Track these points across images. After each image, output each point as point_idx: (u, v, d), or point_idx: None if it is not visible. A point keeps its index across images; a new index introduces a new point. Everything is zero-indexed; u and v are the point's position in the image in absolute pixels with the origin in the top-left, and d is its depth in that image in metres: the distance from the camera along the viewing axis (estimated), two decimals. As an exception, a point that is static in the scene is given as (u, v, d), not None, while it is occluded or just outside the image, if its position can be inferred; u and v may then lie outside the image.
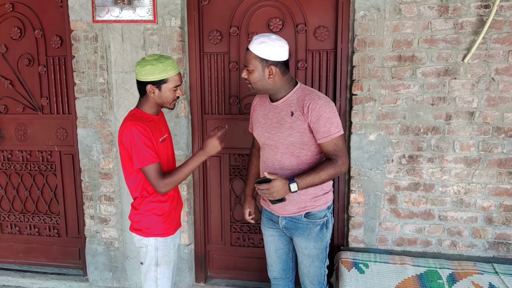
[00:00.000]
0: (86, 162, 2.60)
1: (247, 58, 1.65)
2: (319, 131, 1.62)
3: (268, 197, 1.61)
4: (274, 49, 1.60)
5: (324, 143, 1.64)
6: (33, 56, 2.70)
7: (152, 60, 1.67)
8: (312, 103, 1.62)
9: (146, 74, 1.66)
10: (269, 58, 1.61)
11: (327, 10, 2.35)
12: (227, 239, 2.73)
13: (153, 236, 1.78)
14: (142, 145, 1.63)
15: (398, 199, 2.33)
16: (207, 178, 2.67)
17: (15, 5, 2.66)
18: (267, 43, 1.60)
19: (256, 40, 1.62)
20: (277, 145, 1.72)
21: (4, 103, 2.81)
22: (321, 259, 1.82)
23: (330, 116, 1.62)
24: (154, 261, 1.79)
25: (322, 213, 1.77)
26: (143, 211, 1.77)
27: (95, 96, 2.51)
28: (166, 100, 1.73)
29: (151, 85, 1.68)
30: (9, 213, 2.96)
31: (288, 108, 1.69)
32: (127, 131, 1.64)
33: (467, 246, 2.32)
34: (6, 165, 2.90)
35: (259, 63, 1.62)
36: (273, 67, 1.62)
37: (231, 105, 2.55)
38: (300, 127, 1.65)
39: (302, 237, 1.78)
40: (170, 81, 1.69)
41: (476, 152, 2.22)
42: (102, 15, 2.39)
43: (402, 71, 2.20)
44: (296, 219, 1.78)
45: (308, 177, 1.60)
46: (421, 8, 2.14)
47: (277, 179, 1.57)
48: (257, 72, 1.63)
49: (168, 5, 2.34)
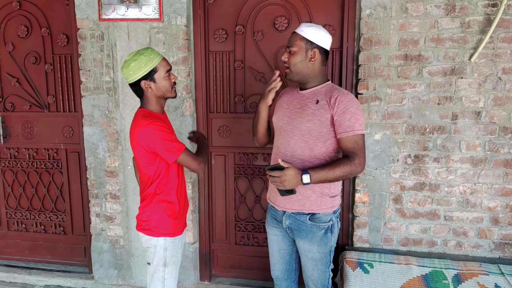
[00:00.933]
0: (92, 160, 2.62)
1: (292, 39, 1.69)
2: (343, 124, 1.61)
3: (278, 185, 1.56)
4: (321, 34, 1.66)
5: (344, 138, 1.62)
6: (39, 54, 2.72)
7: (133, 57, 1.66)
8: (341, 96, 1.63)
9: (134, 72, 1.64)
10: (314, 41, 1.65)
11: (333, 8, 2.34)
12: (231, 238, 2.73)
13: (162, 235, 1.76)
14: (166, 139, 1.63)
15: (404, 199, 2.32)
16: (212, 176, 2.68)
17: (22, 3, 2.67)
18: (315, 27, 1.67)
19: (304, 24, 1.69)
20: (293, 130, 1.71)
21: (11, 101, 2.83)
22: (324, 262, 1.78)
23: (357, 112, 1.62)
24: (163, 261, 1.77)
25: (327, 217, 1.74)
26: (152, 210, 1.75)
27: (101, 94, 2.52)
28: (165, 89, 1.71)
29: (144, 81, 1.66)
30: (16, 211, 2.99)
31: (314, 96, 1.70)
32: (144, 132, 1.62)
33: (473, 246, 2.31)
34: (12, 163, 2.92)
35: (304, 45, 1.66)
36: (317, 50, 1.66)
37: (236, 103, 2.55)
38: (322, 115, 1.65)
39: (305, 240, 1.75)
40: (159, 68, 1.67)
41: (483, 152, 2.21)
42: (108, 13, 2.40)
43: (408, 70, 2.19)
44: (300, 220, 1.75)
45: (322, 171, 1.56)
46: (428, 7, 2.13)
47: (290, 167, 1.53)
48: (300, 53, 1.67)
49: (174, 3, 2.34)
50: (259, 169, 2.61)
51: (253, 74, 2.49)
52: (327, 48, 1.69)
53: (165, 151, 1.64)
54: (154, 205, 1.75)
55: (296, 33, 1.69)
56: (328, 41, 1.69)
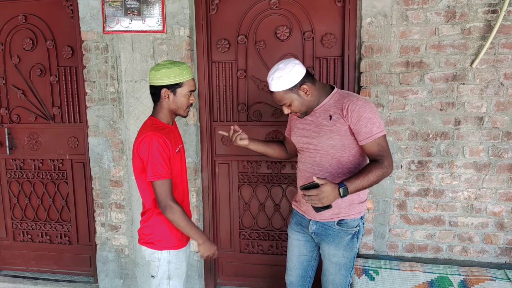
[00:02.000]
0: (97, 170, 2.64)
1: (278, 98, 1.68)
2: (361, 132, 1.60)
3: (316, 203, 1.51)
4: (292, 73, 1.62)
5: (367, 144, 1.61)
6: (45, 66, 2.76)
7: (168, 64, 1.66)
8: (351, 105, 1.61)
9: (161, 77, 1.64)
10: (294, 83, 1.63)
11: (334, 17, 2.37)
12: (236, 246, 2.74)
13: (165, 249, 1.74)
14: (159, 158, 1.59)
15: (408, 205, 2.32)
16: (216, 185, 2.69)
17: (28, 17, 2.72)
18: (283, 75, 1.62)
19: (272, 81, 1.65)
20: (316, 148, 1.71)
21: (16, 112, 2.86)
22: (348, 268, 1.78)
23: (371, 116, 1.59)
24: (167, 274, 1.75)
25: (355, 222, 1.74)
26: (154, 224, 1.73)
27: (106, 105, 2.55)
28: (180, 105, 1.71)
29: (166, 89, 1.66)
30: (21, 221, 3.00)
31: (326, 112, 1.69)
32: (146, 140, 1.60)
33: (479, 252, 2.30)
34: (18, 174, 2.94)
35: (291, 92, 1.64)
36: (303, 86, 1.64)
37: (240, 112, 2.57)
38: (339, 129, 1.64)
39: (332, 244, 1.75)
40: (185, 85, 1.68)
41: (486, 157, 2.21)
42: (113, 25, 2.44)
43: (410, 77, 2.21)
44: (327, 225, 1.75)
45: (357, 180, 1.53)
46: (428, 14, 2.15)
47: (326, 183, 1.49)
48: (295, 100, 1.66)
49: (177, 15, 2.38)
50: (263, 176, 2.62)
51: (256, 83, 2.52)
52: (304, 73, 1.65)
53: (150, 166, 1.60)
54: (155, 218, 1.73)
55: (274, 92, 1.67)
56: (300, 70, 1.64)
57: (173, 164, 1.69)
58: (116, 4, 2.41)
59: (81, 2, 2.47)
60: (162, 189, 1.62)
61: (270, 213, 2.65)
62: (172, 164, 1.67)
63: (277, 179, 2.60)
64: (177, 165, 1.75)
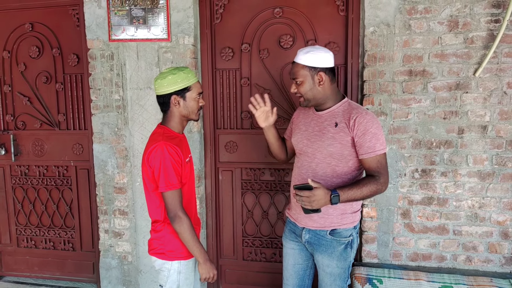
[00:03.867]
0: (101, 177, 2.65)
1: (294, 70, 1.68)
2: (364, 145, 1.61)
3: (305, 205, 1.53)
4: (321, 55, 1.64)
5: (367, 159, 1.62)
6: (50, 74, 2.79)
7: (172, 70, 1.66)
8: (359, 117, 1.62)
9: (168, 84, 1.63)
10: (317, 66, 1.63)
11: (337, 26, 2.38)
12: (239, 254, 2.73)
13: (176, 259, 1.73)
14: (170, 168, 1.58)
15: (412, 214, 2.31)
16: (219, 192, 2.69)
17: (34, 25, 2.76)
18: (313, 51, 1.64)
19: (301, 52, 1.66)
20: (314, 153, 1.71)
21: (22, 119, 2.89)
22: (343, 278, 1.77)
23: (377, 132, 1.61)
24: (176, 284, 1.74)
25: (348, 232, 1.73)
26: (165, 234, 1.72)
27: (111, 112, 2.57)
28: (191, 109, 1.70)
29: (175, 96, 1.65)
30: (25, 227, 3.02)
31: (332, 118, 1.69)
32: (158, 149, 1.59)
33: (483, 261, 2.29)
34: (23, 180, 2.96)
35: (308, 72, 1.64)
36: (322, 73, 1.64)
37: (243, 120, 2.59)
38: (342, 139, 1.65)
39: (325, 254, 1.74)
40: (193, 88, 1.68)
41: (490, 166, 2.21)
42: (118, 34, 2.46)
43: (413, 86, 2.22)
44: (320, 235, 1.74)
45: (350, 190, 1.55)
46: (431, 24, 2.16)
47: (319, 188, 1.52)
48: (307, 82, 1.65)
49: (182, 24, 2.40)
50: (266, 184, 2.62)
51: (259, 91, 2.53)
52: (331, 66, 1.68)
53: (162, 176, 1.59)
54: (167, 229, 1.72)
55: (296, 63, 1.67)
56: (330, 59, 1.67)
57: (183, 174, 1.68)
58: (121, 13, 2.45)
59: (87, 11, 2.51)
60: (172, 199, 1.61)
61: (273, 221, 2.65)
62: (182, 174, 1.67)
63: (280, 187, 2.61)
64: (186, 175, 1.74)
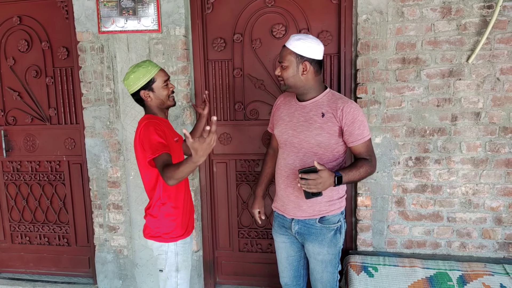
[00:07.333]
0: (94, 171, 2.63)
1: (283, 54, 1.69)
2: (354, 133, 1.66)
3: (311, 188, 1.54)
4: (310, 46, 1.65)
5: (357, 146, 1.69)
6: (40, 67, 2.74)
7: (133, 69, 1.76)
8: (346, 107, 1.66)
9: (134, 83, 1.74)
10: (304, 55, 1.64)
11: (329, 14, 2.36)
12: (235, 245, 2.73)
13: (172, 240, 1.80)
14: (155, 138, 1.64)
15: (406, 202, 2.32)
16: (214, 184, 2.69)
17: (22, 18, 2.70)
18: (304, 40, 1.65)
19: (293, 37, 1.68)
20: (301, 143, 1.73)
21: (12, 114, 2.85)
22: (334, 264, 1.81)
23: (363, 119, 1.68)
24: (175, 266, 1.81)
25: (336, 218, 1.77)
26: (161, 217, 1.79)
27: (102, 106, 2.54)
28: (163, 97, 1.79)
29: (143, 91, 1.76)
30: (19, 223, 2.99)
31: (318, 109, 1.71)
32: (141, 127, 1.70)
33: (477, 247, 2.31)
34: (15, 176, 2.93)
35: (294, 59, 1.66)
36: (307, 63, 1.65)
37: (236, 111, 2.57)
38: (330, 128, 1.68)
39: (315, 242, 1.77)
40: (157, 79, 1.76)
41: (483, 153, 2.22)
42: (108, 26, 2.43)
43: (406, 73, 2.21)
44: (309, 224, 1.77)
45: (350, 172, 1.62)
46: (424, 10, 2.15)
47: (324, 170, 1.55)
48: (291, 68, 1.67)
49: (172, 14, 2.37)
50: (261, 175, 2.62)
51: (252, 82, 2.51)
52: (318, 58, 1.68)
53: (147, 147, 1.64)
54: (161, 211, 1.79)
55: (285, 47, 1.69)
56: (318, 51, 1.67)
57: (173, 152, 1.72)
58: (111, 4, 2.40)
59: (76, 3, 2.46)
60: (161, 162, 1.62)
61: (269, 212, 2.65)
62: (172, 152, 1.69)
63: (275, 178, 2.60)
64: (177, 155, 1.79)
